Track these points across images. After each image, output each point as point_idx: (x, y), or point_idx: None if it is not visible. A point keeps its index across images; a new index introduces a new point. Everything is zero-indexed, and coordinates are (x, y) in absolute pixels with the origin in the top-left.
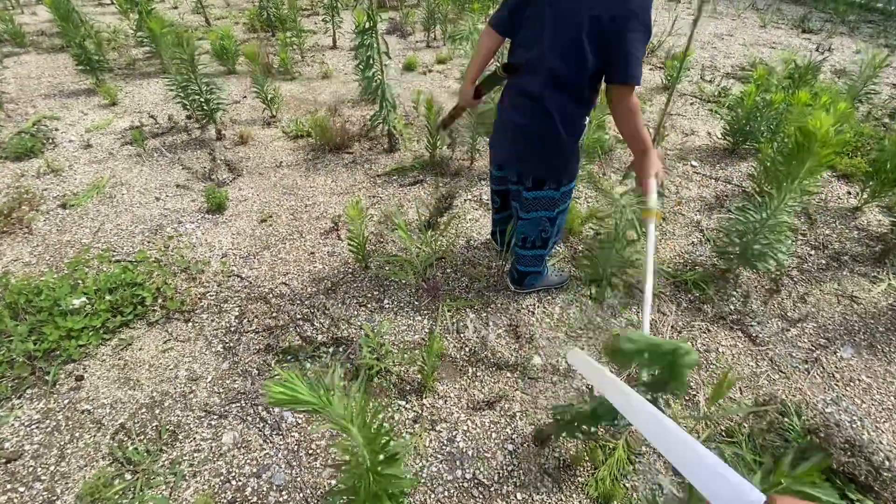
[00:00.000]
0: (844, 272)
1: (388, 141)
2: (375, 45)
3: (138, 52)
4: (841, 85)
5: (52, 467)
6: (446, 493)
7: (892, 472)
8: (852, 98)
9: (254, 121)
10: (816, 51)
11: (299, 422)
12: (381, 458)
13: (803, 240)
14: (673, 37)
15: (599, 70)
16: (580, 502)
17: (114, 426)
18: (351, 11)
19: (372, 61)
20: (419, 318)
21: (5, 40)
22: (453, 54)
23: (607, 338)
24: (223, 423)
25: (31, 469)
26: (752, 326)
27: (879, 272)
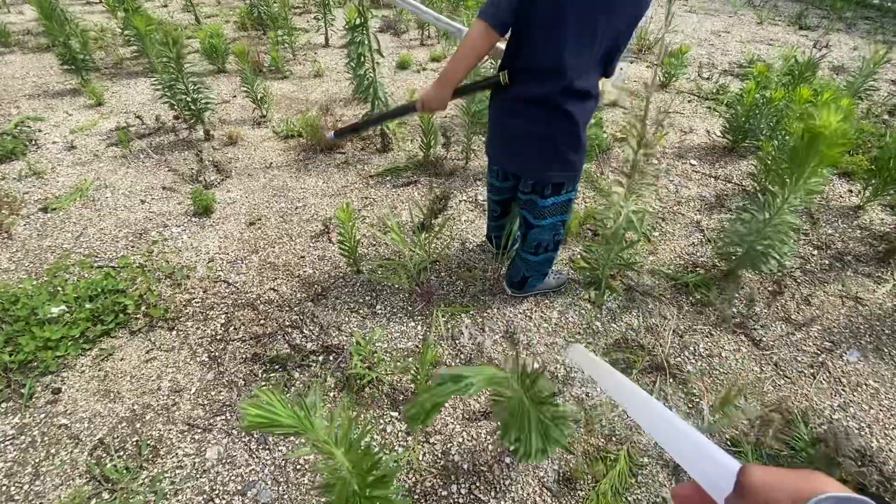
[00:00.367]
0: (848, 273)
1: (381, 141)
2: (367, 43)
3: (126, 51)
4: (839, 82)
5: (26, 486)
6: None
7: None
8: (852, 95)
9: (243, 121)
10: (814, 47)
11: (287, 434)
12: (370, 481)
13: (805, 240)
14: (670, 34)
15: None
16: None
17: (92, 442)
18: (343, 9)
19: (363, 59)
20: (413, 324)
21: None
22: (448, 52)
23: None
24: (207, 438)
25: (3, 488)
26: (755, 330)
27: (884, 272)
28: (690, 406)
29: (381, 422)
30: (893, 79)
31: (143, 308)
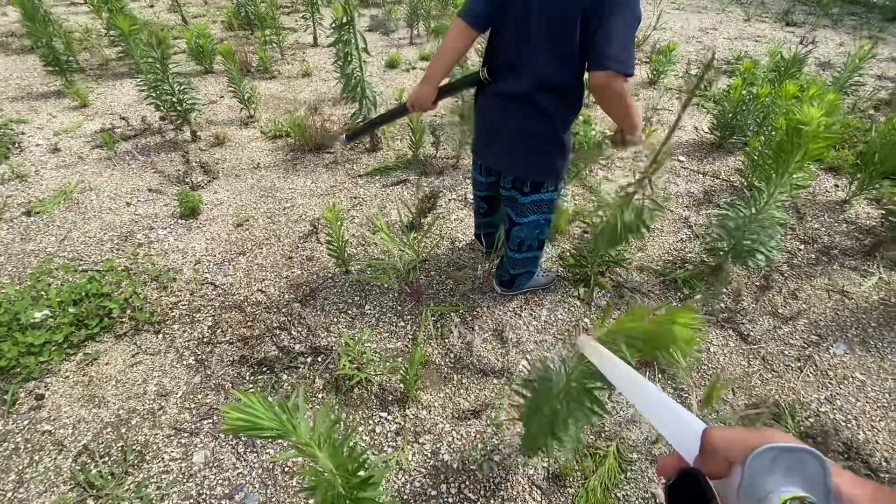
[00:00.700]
0: (834, 266)
1: (370, 140)
2: (353, 42)
3: (111, 52)
4: (826, 77)
5: (9, 493)
6: None
7: (890, 473)
8: (838, 90)
9: (231, 121)
10: (800, 44)
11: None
12: (356, 482)
13: (792, 234)
14: (658, 31)
15: (584, 64)
16: None
17: (76, 448)
18: (331, 8)
19: (350, 58)
20: (402, 323)
21: None
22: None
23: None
24: (194, 442)
25: None
26: (743, 324)
27: (870, 266)
28: (679, 401)
29: (371, 422)
30: (879, 74)
31: (128, 312)
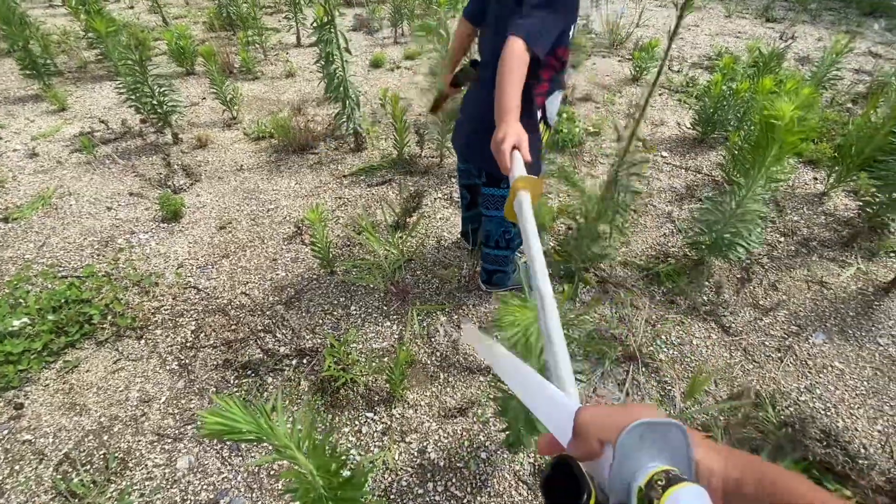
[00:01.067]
0: (814, 258)
1: (354, 140)
2: (335, 41)
3: (90, 55)
4: (805, 72)
5: None
6: None
7: (868, 459)
8: (816, 84)
9: (213, 123)
10: (780, 39)
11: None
12: (338, 483)
13: (773, 227)
14: (641, 28)
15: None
16: None
17: (57, 456)
18: (313, 8)
19: (332, 58)
20: (388, 323)
21: None
22: (422, 49)
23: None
24: (178, 447)
25: None
26: (725, 317)
27: (848, 256)
28: (663, 394)
29: (357, 423)
30: (857, 68)
31: (109, 318)
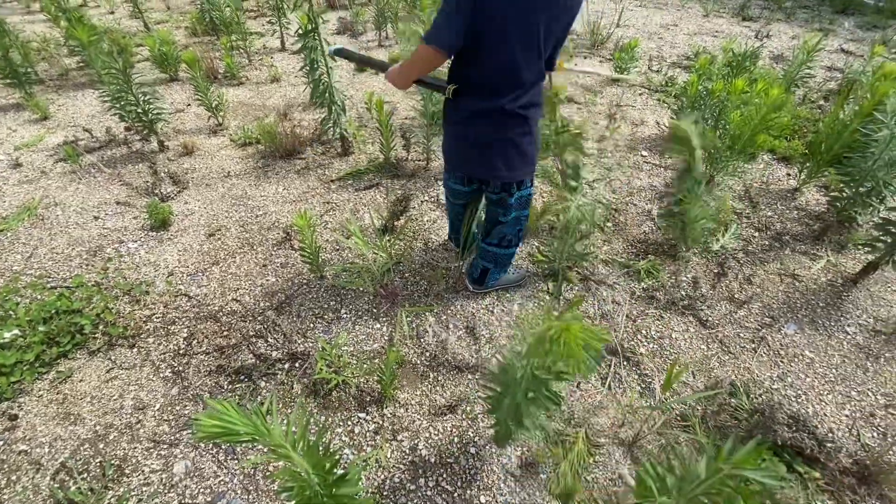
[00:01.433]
0: (786, 251)
1: (341, 144)
2: (319, 48)
3: (71, 62)
4: (779, 70)
5: None
6: (410, 503)
7: (835, 442)
8: (789, 82)
9: (199, 130)
10: (756, 38)
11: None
12: (332, 480)
13: (747, 223)
14: (621, 28)
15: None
16: (544, 500)
17: (54, 466)
18: (297, 13)
19: (317, 64)
20: (378, 325)
21: None
22: (406, 52)
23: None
24: (174, 453)
25: None
26: (702, 310)
27: (818, 249)
28: (643, 386)
29: (350, 423)
30: (829, 65)
31: (101, 327)
